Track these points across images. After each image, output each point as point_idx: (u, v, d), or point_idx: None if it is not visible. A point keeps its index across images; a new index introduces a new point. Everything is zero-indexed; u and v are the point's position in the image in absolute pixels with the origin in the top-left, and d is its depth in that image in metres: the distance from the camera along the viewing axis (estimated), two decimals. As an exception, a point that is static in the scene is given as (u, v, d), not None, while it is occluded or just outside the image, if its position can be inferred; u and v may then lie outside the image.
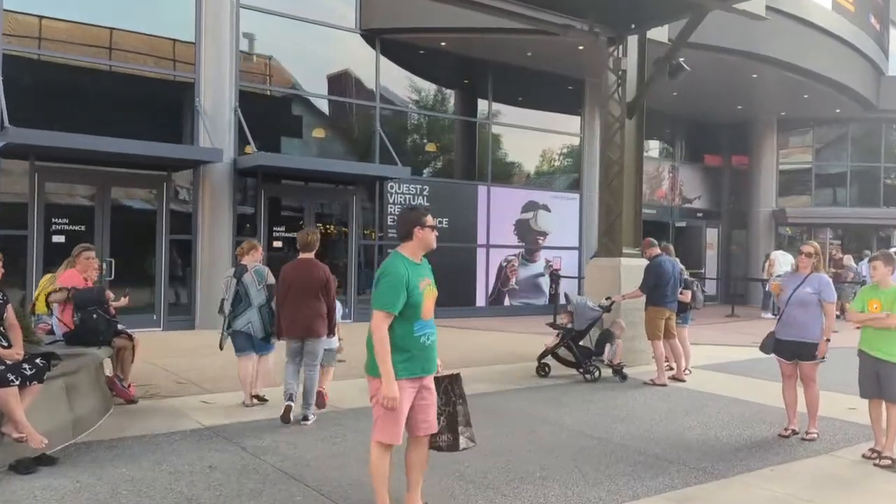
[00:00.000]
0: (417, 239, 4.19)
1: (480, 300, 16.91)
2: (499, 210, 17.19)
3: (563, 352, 9.16)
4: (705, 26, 9.45)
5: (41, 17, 12.12)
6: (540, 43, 15.05)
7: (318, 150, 15.29)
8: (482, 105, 17.39)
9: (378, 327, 3.97)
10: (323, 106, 15.49)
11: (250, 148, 13.24)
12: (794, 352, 6.48)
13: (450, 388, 4.35)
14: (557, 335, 9.20)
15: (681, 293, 9.33)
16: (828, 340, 6.37)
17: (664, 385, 8.79)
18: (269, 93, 14.68)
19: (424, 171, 16.48)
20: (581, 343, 9.15)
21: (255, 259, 7.16)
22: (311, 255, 6.73)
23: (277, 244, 14.08)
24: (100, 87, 12.66)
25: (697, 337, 13.62)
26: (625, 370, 9.11)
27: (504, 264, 17.38)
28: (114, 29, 12.67)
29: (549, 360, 9.25)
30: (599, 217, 10.82)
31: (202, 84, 13.06)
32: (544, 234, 18.09)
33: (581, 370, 8.99)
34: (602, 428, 6.69)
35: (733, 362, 10.75)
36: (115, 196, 12.56)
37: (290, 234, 14.23)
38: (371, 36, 15.23)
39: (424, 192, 15.96)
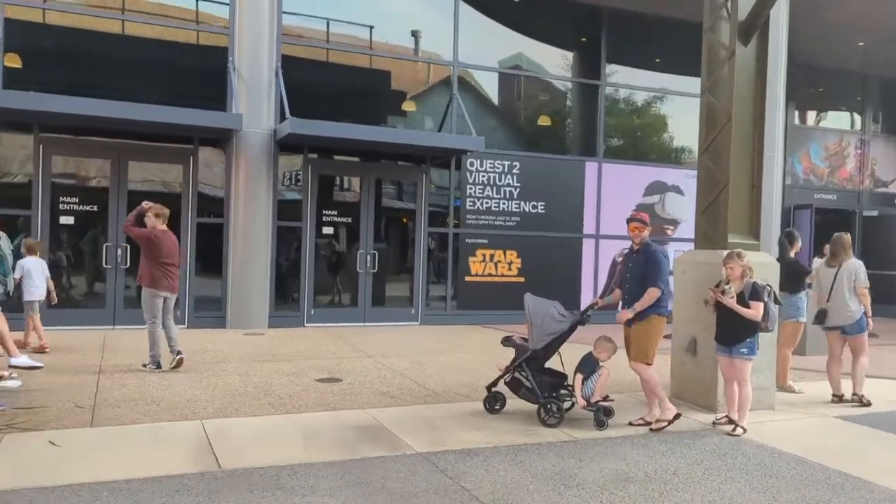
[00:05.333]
0: None
1: (587, 302, 13.75)
2: (613, 192, 13.95)
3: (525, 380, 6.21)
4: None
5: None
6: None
7: (381, 120, 12.96)
8: (592, 63, 14.20)
9: None
10: (389, 69, 13.08)
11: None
12: None
13: None
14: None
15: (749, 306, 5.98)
16: None
17: (666, 423, 6.03)
18: (321, 56, 12.49)
19: (517, 144, 13.59)
20: (547, 366, 6.27)
21: None
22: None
23: (328, 230, 11.92)
24: (117, 51, 11.17)
25: (880, 367, 9.68)
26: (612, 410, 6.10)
27: (619, 259, 14.04)
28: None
29: (505, 390, 6.40)
30: (697, 191, 7.57)
31: (237, 43, 11.19)
32: (675, 223, 14.56)
33: (538, 407, 6.09)
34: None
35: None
36: (133, 173, 10.99)
37: (343, 219, 12.05)
38: (448, -20, 12.67)
39: (514, 170, 13.15)
